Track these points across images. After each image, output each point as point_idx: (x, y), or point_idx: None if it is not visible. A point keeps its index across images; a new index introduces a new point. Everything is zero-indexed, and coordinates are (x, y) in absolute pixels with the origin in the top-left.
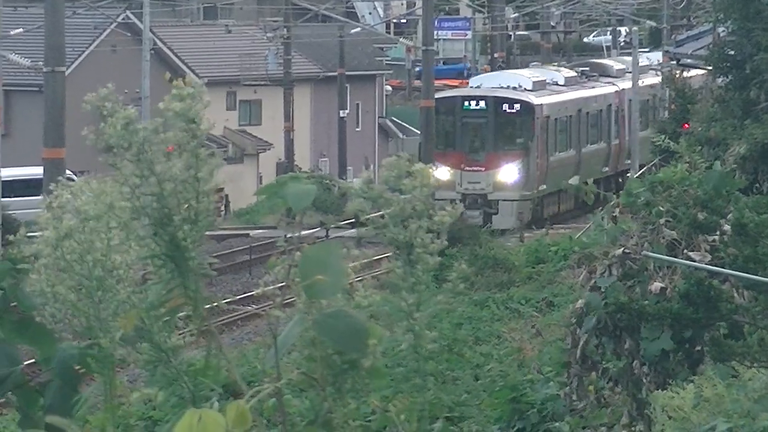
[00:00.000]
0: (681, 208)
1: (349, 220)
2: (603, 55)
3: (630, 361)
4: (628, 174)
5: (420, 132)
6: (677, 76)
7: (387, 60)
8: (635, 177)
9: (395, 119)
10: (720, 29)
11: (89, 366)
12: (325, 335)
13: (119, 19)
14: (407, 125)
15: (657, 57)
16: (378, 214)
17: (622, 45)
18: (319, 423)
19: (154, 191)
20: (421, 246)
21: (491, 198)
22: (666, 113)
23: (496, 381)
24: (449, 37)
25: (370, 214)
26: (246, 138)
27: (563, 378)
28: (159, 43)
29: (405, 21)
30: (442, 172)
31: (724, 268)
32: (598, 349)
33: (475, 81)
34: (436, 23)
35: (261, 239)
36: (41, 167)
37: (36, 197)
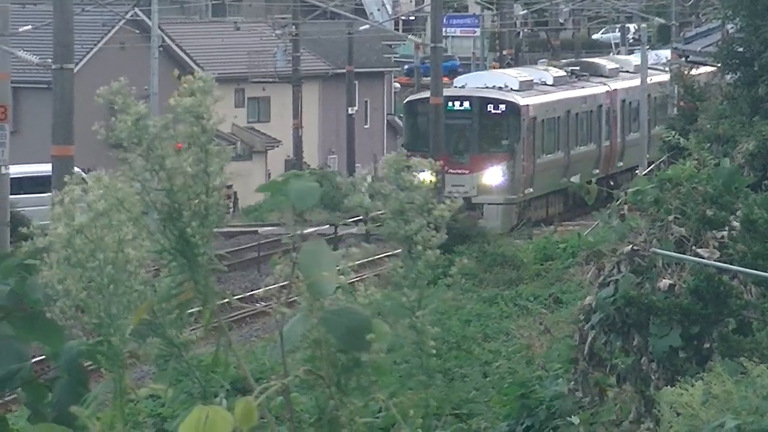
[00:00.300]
0: (690, 204)
1: (352, 216)
2: (612, 52)
3: (638, 358)
4: (623, 176)
5: (404, 131)
6: (686, 73)
7: (395, 57)
8: (643, 174)
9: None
10: (729, 26)
11: (99, 362)
12: (331, 332)
13: (128, 16)
14: None
15: (664, 55)
16: (379, 211)
17: (630, 42)
18: (326, 421)
19: (164, 186)
20: (421, 241)
21: (475, 201)
22: (675, 110)
23: (504, 378)
24: (458, 34)
25: (370, 209)
26: (254, 135)
27: (571, 374)
28: (167, 40)
29: (413, 18)
30: (424, 174)
31: (732, 264)
32: (606, 346)
33: (460, 81)
34: (444, 20)
35: (269, 236)
36: (50, 164)
37: (45, 194)
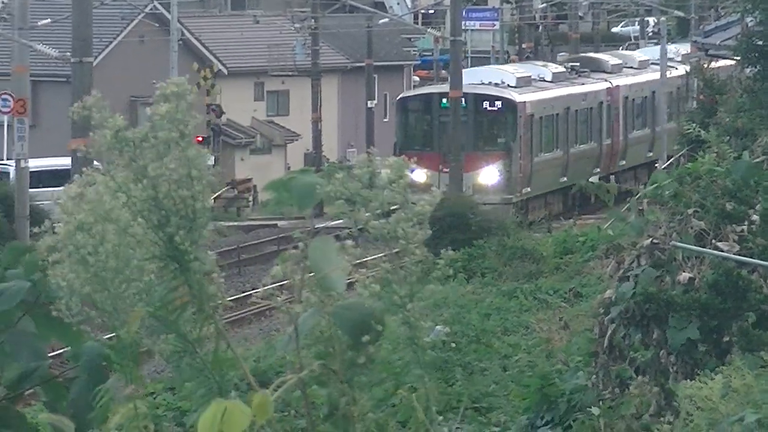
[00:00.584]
0: (709, 198)
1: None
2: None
3: (657, 351)
4: (625, 175)
5: (397, 130)
6: (705, 66)
7: (415, 50)
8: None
9: None
10: (748, 19)
11: (108, 359)
12: (341, 326)
13: (147, 10)
14: None
15: (680, 49)
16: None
17: (650, 35)
18: (339, 416)
19: (149, 194)
20: (405, 237)
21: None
22: (694, 104)
23: (524, 371)
24: (477, 28)
25: (351, 213)
26: (274, 128)
27: (591, 368)
28: (187, 34)
29: (433, 11)
30: (418, 174)
31: (752, 258)
32: (625, 340)
33: None
34: (464, 14)
35: (289, 230)
36: (69, 158)
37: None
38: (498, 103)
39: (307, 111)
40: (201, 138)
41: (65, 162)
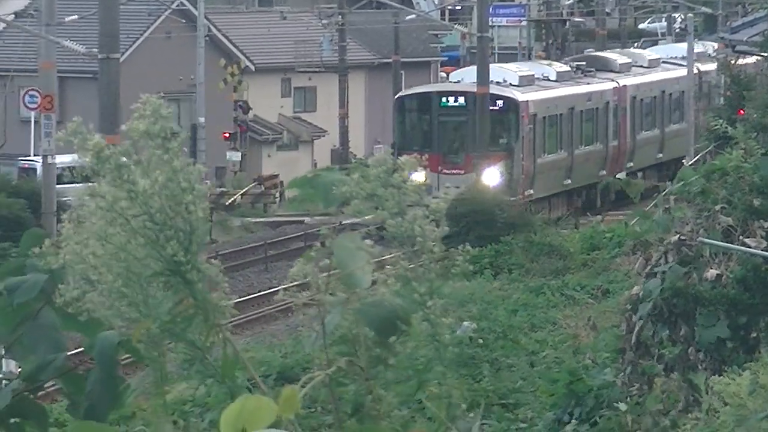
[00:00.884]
0: (737, 194)
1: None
2: (657, 42)
3: (685, 348)
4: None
5: (395, 129)
6: (732, 62)
7: (441, 47)
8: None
9: None
10: None
11: (136, 353)
12: (367, 323)
13: (174, 6)
14: None
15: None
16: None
17: (677, 31)
18: (364, 413)
19: (141, 210)
20: (422, 235)
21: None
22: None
23: (551, 368)
24: (504, 24)
25: (365, 213)
26: (301, 125)
27: (619, 364)
28: (214, 30)
29: (460, 8)
30: (416, 175)
31: None
32: (653, 336)
33: (456, 75)
34: (490, 10)
35: (316, 226)
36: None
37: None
38: (500, 102)
39: (334, 107)
40: (228, 134)
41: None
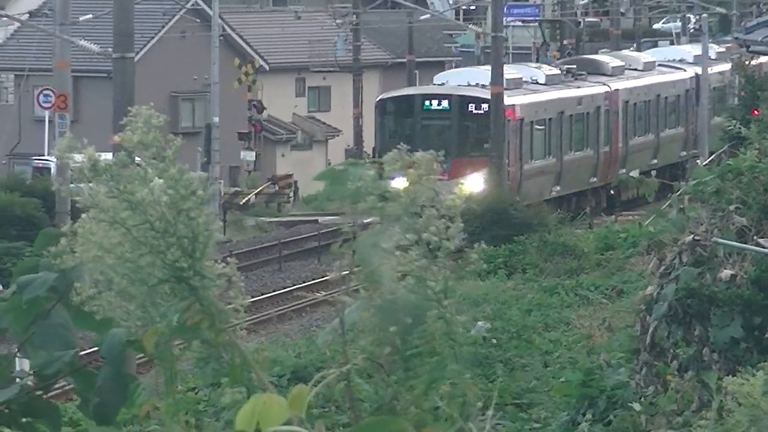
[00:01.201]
0: (751, 194)
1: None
2: (673, 42)
3: (699, 348)
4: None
5: (376, 134)
6: (747, 63)
7: (456, 46)
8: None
9: None
10: None
11: (146, 351)
12: (386, 320)
13: (188, 5)
14: None
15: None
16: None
17: (691, 32)
18: (384, 409)
19: (142, 219)
20: (438, 233)
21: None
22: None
23: (565, 368)
24: (518, 24)
25: (381, 209)
26: (315, 124)
27: (633, 365)
28: (228, 29)
29: (474, 7)
30: (398, 182)
31: None
32: (668, 337)
33: (441, 78)
34: (505, 10)
35: (329, 225)
36: (110, 153)
37: None
38: (485, 106)
39: (349, 107)
40: (241, 132)
41: (106, 158)
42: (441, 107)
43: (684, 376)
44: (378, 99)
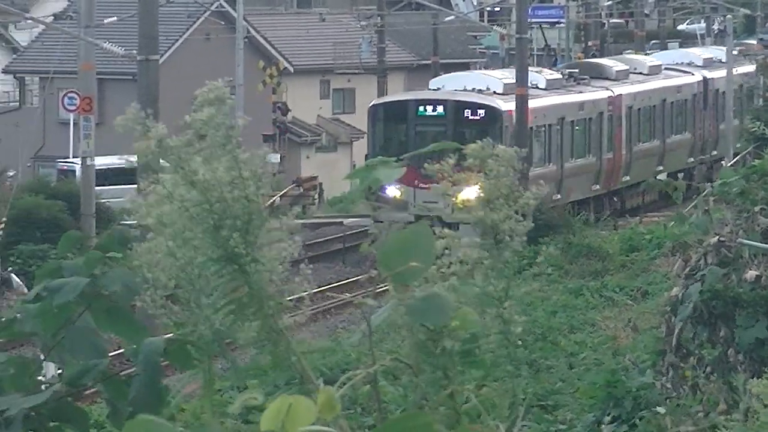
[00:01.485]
0: None
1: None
2: (697, 43)
3: (725, 350)
4: (629, 191)
5: (369, 140)
6: None
7: (480, 48)
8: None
9: None
10: None
11: (181, 361)
12: (417, 320)
13: (213, 8)
14: None
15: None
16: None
17: (716, 33)
18: (413, 410)
19: (201, 200)
20: (508, 230)
21: (449, 221)
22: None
23: (590, 369)
24: (545, 26)
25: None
26: (340, 126)
27: (658, 366)
28: (252, 32)
29: (499, 9)
30: (391, 189)
31: None
32: (694, 338)
33: (436, 82)
34: (529, 11)
35: (355, 227)
36: (135, 156)
37: (130, 186)
38: (481, 112)
39: None
40: (265, 134)
41: (131, 160)
42: (436, 113)
43: (710, 377)
44: (371, 104)
